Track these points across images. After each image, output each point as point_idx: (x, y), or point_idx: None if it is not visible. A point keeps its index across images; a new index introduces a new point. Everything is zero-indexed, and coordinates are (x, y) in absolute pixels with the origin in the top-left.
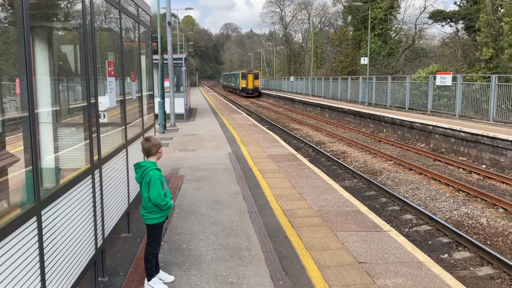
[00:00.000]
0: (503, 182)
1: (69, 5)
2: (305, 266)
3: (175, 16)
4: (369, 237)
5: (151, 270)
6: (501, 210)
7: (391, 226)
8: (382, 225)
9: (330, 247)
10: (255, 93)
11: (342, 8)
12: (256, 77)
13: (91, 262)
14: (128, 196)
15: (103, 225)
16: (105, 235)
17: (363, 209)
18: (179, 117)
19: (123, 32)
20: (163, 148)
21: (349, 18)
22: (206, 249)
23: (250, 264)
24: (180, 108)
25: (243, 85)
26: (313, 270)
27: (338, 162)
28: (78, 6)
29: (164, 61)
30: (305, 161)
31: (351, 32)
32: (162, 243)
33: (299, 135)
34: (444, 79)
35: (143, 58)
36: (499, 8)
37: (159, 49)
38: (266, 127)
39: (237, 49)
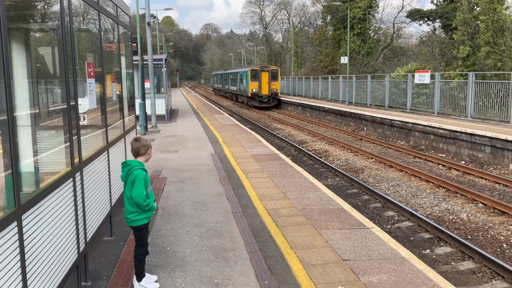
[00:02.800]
0: (482, 178)
1: (46, 6)
2: (290, 265)
3: (155, 17)
4: (353, 234)
5: (142, 271)
6: (480, 205)
7: (373, 223)
8: (365, 222)
9: (314, 245)
10: (273, 102)
11: (321, 8)
12: (274, 76)
13: (74, 267)
14: (110, 199)
15: (85, 228)
16: (88, 239)
17: (346, 206)
18: (160, 118)
19: (102, 33)
20: None
21: (328, 17)
22: (190, 250)
23: (235, 265)
24: (161, 109)
25: (254, 90)
26: (298, 269)
27: (320, 161)
28: (56, 7)
29: (144, 62)
30: (288, 160)
31: (330, 32)
32: None
33: (281, 135)
34: (423, 77)
35: (122, 59)
36: (475, 7)
37: (139, 50)
38: (248, 127)
39: (217, 50)
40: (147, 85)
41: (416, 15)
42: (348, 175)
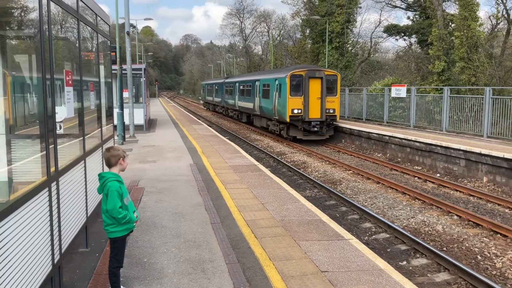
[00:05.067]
0: (457, 190)
1: (24, 14)
2: (268, 276)
3: (134, 26)
4: (331, 245)
5: (117, 284)
6: (455, 217)
7: (351, 234)
8: (343, 234)
9: (293, 256)
10: (328, 132)
11: (301, 21)
12: (331, 87)
13: (48, 279)
14: (86, 209)
15: (60, 239)
16: (63, 250)
17: (325, 218)
18: (138, 128)
19: (81, 41)
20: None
21: (308, 31)
22: (168, 262)
23: (214, 276)
24: (139, 119)
25: (295, 110)
26: (277, 280)
27: (299, 172)
28: (34, 15)
29: (123, 72)
30: (266, 171)
31: (309, 45)
32: None
33: (260, 146)
34: (399, 91)
35: (101, 68)
36: (450, 23)
37: (118, 59)
38: (227, 138)
39: (197, 60)
40: (125, 94)
41: (392, 30)
42: (327, 186)
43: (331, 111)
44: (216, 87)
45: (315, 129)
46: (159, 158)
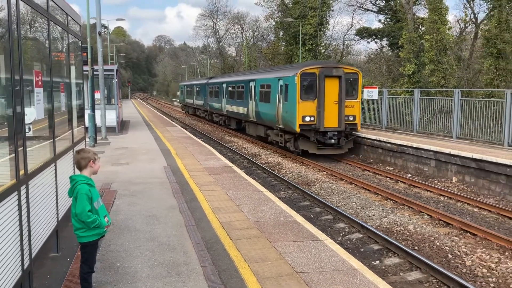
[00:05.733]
0: (428, 190)
1: None
2: (244, 278)
3: (106, 27)
4: (306, 246)
5: None
6: (426, 216)
7: (326, 235)
8: (318, 234)
9: (268, 258)
10: (347, 145)
11: (274, 23)
12: (351, 89)
13: (18, 285)
14: (57, 213)
15: (30, 244)
16: (33, 256)
17: (299, 219)
18: (110, 130)
19: (52, 41)
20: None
21: (281, 33)
22: (142, 266)
23: (188, 279)
24: (111, 120)
25: (307, 118)
26: (252, 282)
27: (273, 174)
28: (2, 14)
29: (95, 72)
30: (241, 173)
31: (283, 47)
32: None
33: (235, 148)
34: (371, 93)
35: (72, 68)
36: (420, 27)
37: (89, 60)
38: (201, 140)
39: (170, 62)
40: (97, 96)
41: (364, 33)
42: (301, 187)
43: (351, 118)
44: (198, 89)
45: (332, 141)
46: (132, 160)
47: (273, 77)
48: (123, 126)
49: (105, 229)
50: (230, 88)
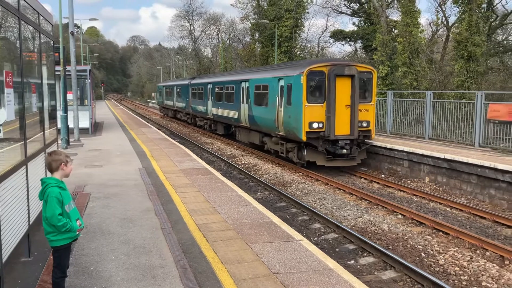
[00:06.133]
0: (401, 190)
1: None
2: (221, 280)
3: (79, 27)
4: (282, 247)
5: None
6: (400, 216)
7: (302, 235)
8: (294, 235)
9: (245, 259)
10: (360, 155)
11: (250, 25)
12: (364, 90)
13: None
14: (29, 217)
15: (0, 249)
16: (3, 260)
17: (276, 220)
18: (83, 131)
19: (23, 41)
20: None
21: (257, 35)
22: (116, 269)
23: (164, 282)
24: (84, 122)
25: (315, 124)
26: (229, 284)
27: (250, 175)
28: None
29: (67, 73)
30: (217, 174)
31: (259, 49)
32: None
33: (211, 149)
34: None
35: (44, 69)
36: (393, 29)
37: (62, 60)
38: (177, 141)
39: (145, 62)
40: (69, 96)
41: (339, 35)
42: (277, 188)
43: (364, 125)
44: (179, 90)
45: (344, 151)
46: (106, 162)
47: (272, 77)
48: (96, 127)
49: (77, 232)
50: (217, 89)
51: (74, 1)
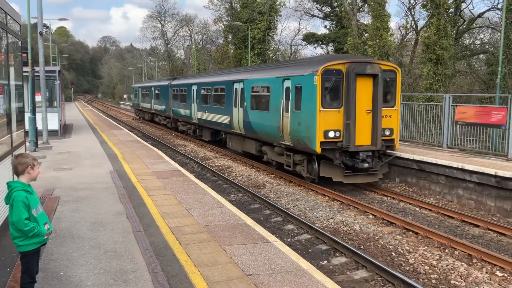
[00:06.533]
0: (372, 191)
1: None
2: (194, 283)
3: (48, 27)
4: (256, 249)
5: None
6: (371, 216)
7: (275, 237)
8: (268, 237)
9: (218, 262)
10: (382, 169)
11: (223, 27)
12: (387, 93)
13: None
14: None
15: None
16: None
17: (249, 222)
18: (52, 133)
19: None
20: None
21: (230, 37)
22: (87, 274)
23: (136, 287)
24: (54, 124)
25: (331, 133)
26: (202, 287)
27: (224, 177)
28: None
29: (36, 74)
30: (191, 176)
31: (232, 51)
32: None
33: (184, 151)
34: None
35: (11, 70)
36: (364, 33)
37: (30, 61)
38: (149, 143)
39: (116, 63)
40: (38, 98)
41: (311, 38)
42: (251, 190)
43: (387, 133)
44: (157, 91)
45: (366, 164)
46: (76, 165)
47: (274, 77)
48: (66, 129)
49: (45, 237)
50: (203, 91)
51: (43, 0)
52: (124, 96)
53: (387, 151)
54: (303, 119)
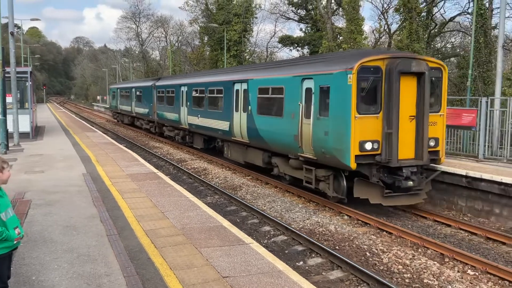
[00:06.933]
0: None
1: None
2: (169, 286)
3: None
4: (232, 251)
5: None
6: (346, 217)
7: (252, 238)
8: (244, 238)
9: (194, 264)
10: (426, 187)
11: (199, 28)
12: (432, 95)
13: None
14: None
15: None
16: None
17: (226, 224)
18: (24, 136)
19: None
20: None
21: (206, 38)
22: (59, 279)
23: None
24: (25, 126)
25: (367, 145)
26: None
27: (200, 179)
28: None
29: (6, 75)
30: (166, 179)
31: (208, 52)
32: None
33: (160, 153)
34: None
35: None
36: (339, 36)
37: (0, 62)
38: (124, 145)
39: (90, 64)
40: (9, 99)
41: (286, 41)
42: (227, 192)
43: (432, 144)
44: (139, 93)
45: (410, 182)
46: (48, 168)
47: (289, 76)
48: (38, 131)
49: (15, 241)
50: (195, 93)
51: (14, 0)
52: (98, 97)
53: (432, 165)
54: (331, 127)
